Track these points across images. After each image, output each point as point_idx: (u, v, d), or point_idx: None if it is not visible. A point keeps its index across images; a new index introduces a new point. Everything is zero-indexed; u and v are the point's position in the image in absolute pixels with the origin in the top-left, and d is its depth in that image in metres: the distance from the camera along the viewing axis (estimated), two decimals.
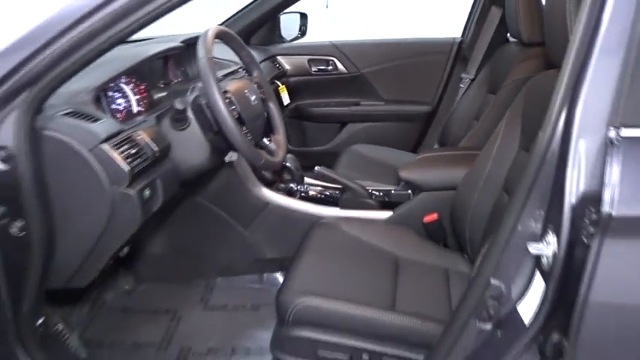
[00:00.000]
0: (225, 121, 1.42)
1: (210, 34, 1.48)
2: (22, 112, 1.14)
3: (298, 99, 2.76)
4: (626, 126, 0.89)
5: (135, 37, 1.24)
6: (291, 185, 2.01)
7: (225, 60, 2.08)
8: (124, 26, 1.13)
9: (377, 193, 1.97)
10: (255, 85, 1.71)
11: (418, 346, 1.32)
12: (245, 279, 2.04)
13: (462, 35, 2.71)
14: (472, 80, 2.51)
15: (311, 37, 2.82)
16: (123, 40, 1.17)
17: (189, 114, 1.54)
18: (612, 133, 0.89)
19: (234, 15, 2.53)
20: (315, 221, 1.77)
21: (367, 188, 1.98)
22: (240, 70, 2.01)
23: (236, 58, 1.83)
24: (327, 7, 2.66)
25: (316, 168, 2.00)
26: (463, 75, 2.60)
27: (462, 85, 2.58)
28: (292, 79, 2.68)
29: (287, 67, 2.68)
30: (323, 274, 1.48)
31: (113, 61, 1.50)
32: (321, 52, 2.72)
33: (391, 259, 1.59)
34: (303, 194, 2.01)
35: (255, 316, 1.87)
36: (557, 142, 0.95)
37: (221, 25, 2.38)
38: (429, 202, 1.89)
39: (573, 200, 0.91)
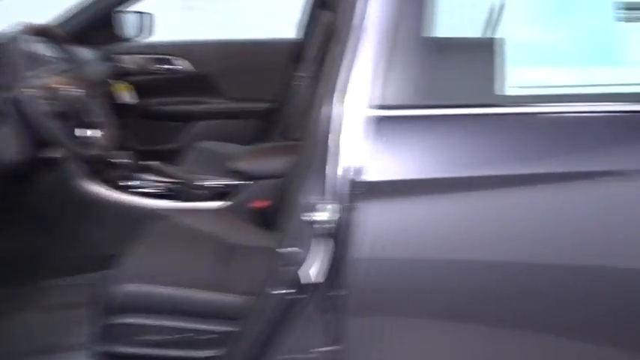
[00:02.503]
0: (38, 114, 1.45)
1: (23, 32, 1.50)
2: None
3: (145, 98, 2.77)
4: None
5: None
6: (125, 182, 2.05)
7: (49, 56, 2.06)
8: None
9: (209, 184, 2.07)
10: (78, 81, 1.74)
11: (232, 318, 1.40)
12: (77, 278, 1.99)
13: (298, 37, 2.87)
14: (308, 78, 2.68)
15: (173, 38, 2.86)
16: None
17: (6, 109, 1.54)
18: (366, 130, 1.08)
19: (67, 13, 2.48)
20: (149, 214, 1.82)
21: (199, 181, 2.07)
22: (65, 66, 2.00)
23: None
24: (190, 8, 2.73)
25: (151, 163, 2.05)
26: (299, 73, 2.75)
27: (299, 83, 2.74)
28: (138, 78, 2.69)
29: (131, 66, 2.69)
30: (149, 263, 1.54)
31: None
32: (165, 52, 2.76)
33: (218, 244, 1.68)
34: (136, 189, 2.05)
35: (79, 314, 1.79)
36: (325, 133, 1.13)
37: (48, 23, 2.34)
38: (260, 190, 2.00)
39: (340, 173, 1.09)
